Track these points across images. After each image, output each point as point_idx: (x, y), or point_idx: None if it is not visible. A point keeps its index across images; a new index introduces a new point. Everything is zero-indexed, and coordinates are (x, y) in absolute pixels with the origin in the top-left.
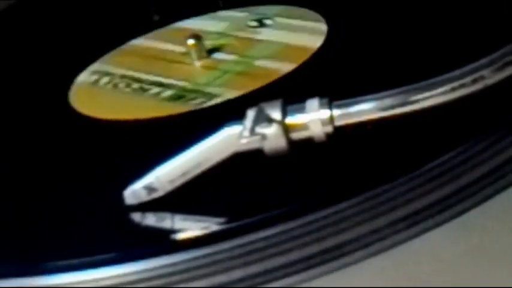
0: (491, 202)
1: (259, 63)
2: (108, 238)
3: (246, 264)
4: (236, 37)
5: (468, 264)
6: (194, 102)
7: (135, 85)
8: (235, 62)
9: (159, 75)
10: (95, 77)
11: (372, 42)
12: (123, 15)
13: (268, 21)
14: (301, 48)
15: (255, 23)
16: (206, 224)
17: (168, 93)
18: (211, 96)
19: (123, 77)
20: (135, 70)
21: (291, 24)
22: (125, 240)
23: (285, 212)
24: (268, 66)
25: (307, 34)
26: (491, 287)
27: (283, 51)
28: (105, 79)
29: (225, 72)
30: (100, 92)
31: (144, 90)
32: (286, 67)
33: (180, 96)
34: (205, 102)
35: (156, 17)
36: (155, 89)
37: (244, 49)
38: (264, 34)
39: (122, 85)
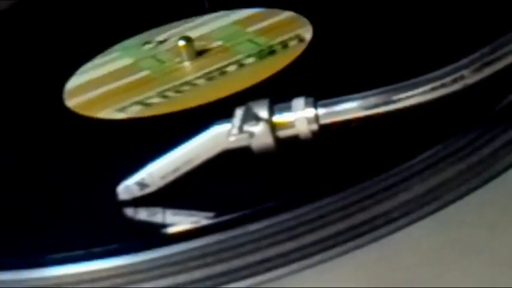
0: (469, 198)
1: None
2: (102, 232)
3: (234, 256)
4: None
5: (447, 257)
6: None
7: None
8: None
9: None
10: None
11: (355, 44)
12: (119, 17)
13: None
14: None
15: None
16: (196, 218)
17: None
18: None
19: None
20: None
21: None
22: (118, 234)
23: (271, 206)
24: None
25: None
26: (469, 278)
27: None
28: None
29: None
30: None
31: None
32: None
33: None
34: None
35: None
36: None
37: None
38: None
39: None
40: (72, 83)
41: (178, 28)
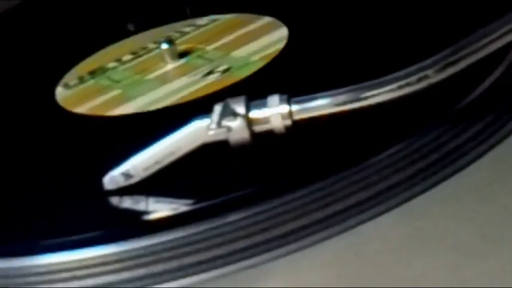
0: (435, 190)
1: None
2: (89, 220)
3: (214, 245)
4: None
5: (413, 245)
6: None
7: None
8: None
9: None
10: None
11: (326, 46)
12: (116, 19)
13: None
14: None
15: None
16: (176, 206)
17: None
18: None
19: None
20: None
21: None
22: (104, 221)
23: (246, 195)
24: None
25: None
26: (433, 265)
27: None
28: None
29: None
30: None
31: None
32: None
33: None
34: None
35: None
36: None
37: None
38: None
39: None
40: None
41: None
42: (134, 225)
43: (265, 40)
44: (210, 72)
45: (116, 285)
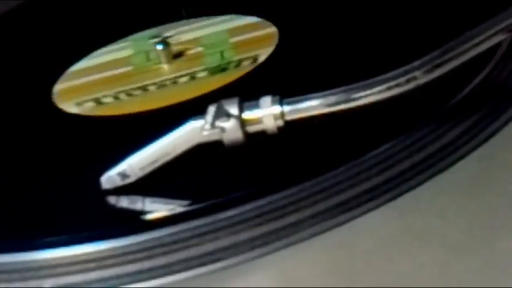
0: (423, 187)
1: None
2: (87, 218)
3: (209, 241)
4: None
5: (401, 242)
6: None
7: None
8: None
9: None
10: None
11: (317, 48)
12: (118, 17)
13: None
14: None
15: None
16: (172, 206)
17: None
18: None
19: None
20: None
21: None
22: (101, 220)
23: (240, 195)
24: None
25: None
26: (421, 261)
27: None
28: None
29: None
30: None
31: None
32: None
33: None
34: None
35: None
36: None
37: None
38: None
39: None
40: (73, 68)
41: (186, 26)
42: (131, 224)
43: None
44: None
45: (111, 280)
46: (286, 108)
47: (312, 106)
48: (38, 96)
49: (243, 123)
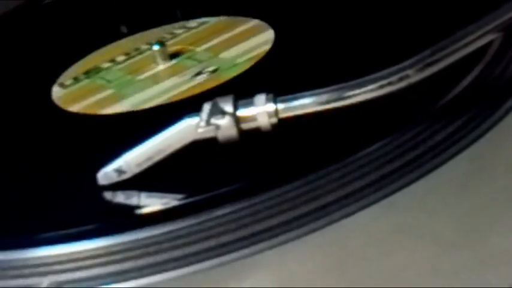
0: (414, 186)
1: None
2: (84, 214)
3: (204, 238)
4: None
5: (393, 238)
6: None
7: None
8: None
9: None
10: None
11: (310, 48)
12: (108, 21)
13: None
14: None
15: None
16: (167, 201)
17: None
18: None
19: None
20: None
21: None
22: (98, 216)
23: (234, 191)
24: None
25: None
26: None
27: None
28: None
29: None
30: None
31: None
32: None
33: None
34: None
35: (123, 29)
36: None
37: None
38: None
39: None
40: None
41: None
42: (127, 219)
43: (252, 42)
44: (199, 73)
45: (108, 277)
46: (280, 106)
47: (306, 104)
48: (37, 94)
49: (237, 120)
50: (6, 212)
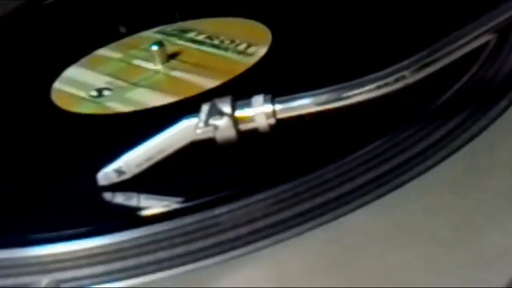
0: (411, 185)
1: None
2: (84, 214)
3: (203, 237)
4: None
5: (392, 237)
6: None
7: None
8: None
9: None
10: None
11: (307, 49)
12: (107, 22)
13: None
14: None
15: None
16: (167, 202)
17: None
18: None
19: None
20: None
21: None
22: (97, 216)
23: (233, 192)
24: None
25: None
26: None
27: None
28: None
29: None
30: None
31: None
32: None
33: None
34: None
35: (122, 29)
36: None
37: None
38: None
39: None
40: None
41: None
42: (127, 220)
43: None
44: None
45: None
46: (278, 106)
47: (303, 105)
48: (36, 94)
49: (235, 121)
50: (6, 212)
